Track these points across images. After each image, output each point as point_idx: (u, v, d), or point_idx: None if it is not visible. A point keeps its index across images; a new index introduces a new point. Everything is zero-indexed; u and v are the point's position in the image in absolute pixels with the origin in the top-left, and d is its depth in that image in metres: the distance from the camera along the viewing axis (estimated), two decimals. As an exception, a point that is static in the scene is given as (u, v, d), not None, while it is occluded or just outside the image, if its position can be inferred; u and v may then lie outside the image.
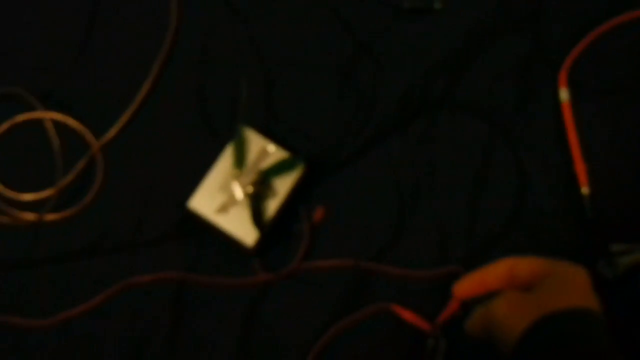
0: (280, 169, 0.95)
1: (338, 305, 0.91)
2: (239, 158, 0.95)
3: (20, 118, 1.00)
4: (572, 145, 0.97)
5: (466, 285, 0.80)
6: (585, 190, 0.95)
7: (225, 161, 0.95)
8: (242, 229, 0.93)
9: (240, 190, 0.94)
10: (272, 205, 0.93)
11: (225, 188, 0.94)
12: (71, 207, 0.96)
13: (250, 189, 0.93)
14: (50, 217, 0.96)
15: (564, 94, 0.99)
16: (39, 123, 1.00)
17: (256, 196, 0.93)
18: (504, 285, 0.78)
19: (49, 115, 1.00)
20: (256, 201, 0.93)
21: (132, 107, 1.00)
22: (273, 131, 0.98)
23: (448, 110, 0.99)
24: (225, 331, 0.91)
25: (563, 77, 1.00)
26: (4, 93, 1.01)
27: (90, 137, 0.99)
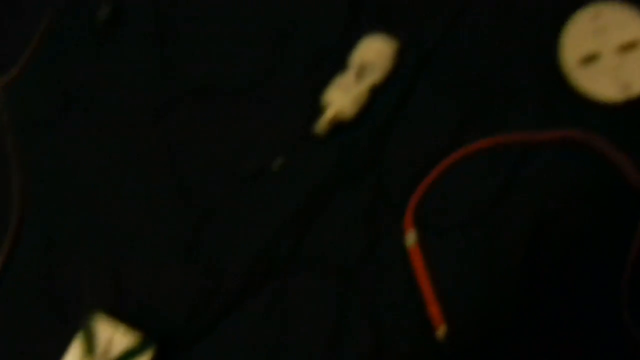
0: (130, 355, 0.93)
1: None
2: (89, 346, 0.93)
3: None
4: (424, 287, 0.97)
5: None
6: (441, 330, 0.95)
7: (75, 350, 0.93)
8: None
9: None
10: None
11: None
12: None
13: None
14: None
15: (411, 238, 1.00)
16: None
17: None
18: None
19: None
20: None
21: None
22: (123, 312, 0.96)
23: (297, 268, 0.99)
24: None
25: (408, 220, 1.00)
26: None
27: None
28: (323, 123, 1.02)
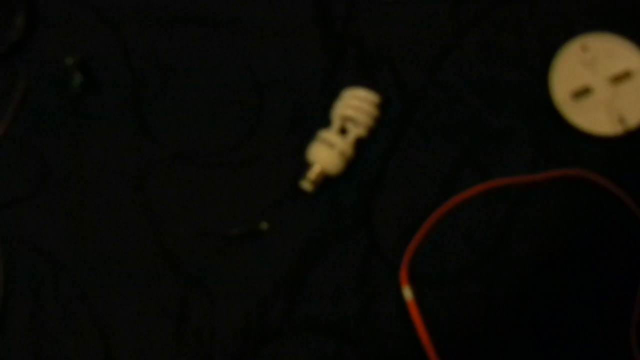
0: None
1: None
2: None
3: None
4: (424, 342, 0.94)
5: None
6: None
7: None
8: None
9: None
10: None
11: None
12: None
13: None
14: None
15: (407, 292, 0.96)
16: None
17: None
18: None
19: None
20: None
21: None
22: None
23: (292, 330, 0.96)
24: None
25: (404, 276, 0.97)
26: None
27: None
28: (310, 180, 1.00)
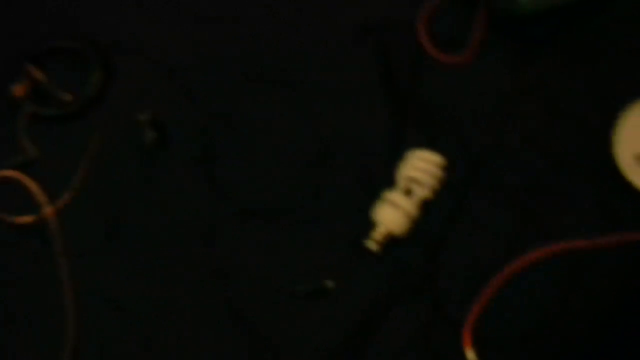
0: None
1: None
2: None
3: None
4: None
5: None
6: None
7: None
8: None
9: None
10: None
11: None
12: None
13: None
14: None
15: (471, 355, 0.97)
16: None
17: None
18: None
19: None
20: None
21: None
22: None
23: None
24: None
25: (467, 337, 0.98)
26: None
27: None
28: (375, 240, 1.01)
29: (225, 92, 1.09)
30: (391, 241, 1.02)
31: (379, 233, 1.01)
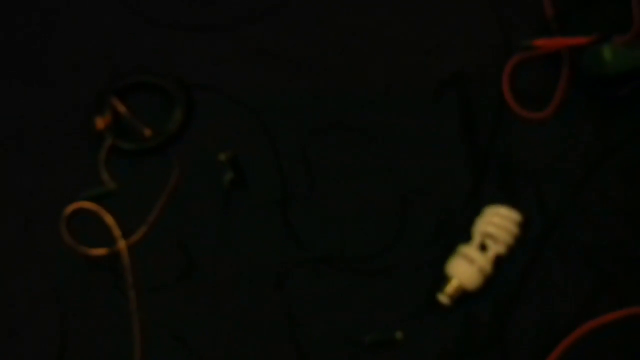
0: None
1: None
2: None
3: None
4: None
5: None
6: None
7: None
8: None
9: None
10: None
11: None
12: None
13: None
14: None
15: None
16: None
17: None
18: None
19: None
20: None
21: None
22: None
23: None
24: None
25: (536, 398, 0.97)
26: None
27: None
28: (447, 294, 1.00)
29: (306, 136, 1.09)
30: (463, 295, 1.01)
31: (451, 287, 1.01)
